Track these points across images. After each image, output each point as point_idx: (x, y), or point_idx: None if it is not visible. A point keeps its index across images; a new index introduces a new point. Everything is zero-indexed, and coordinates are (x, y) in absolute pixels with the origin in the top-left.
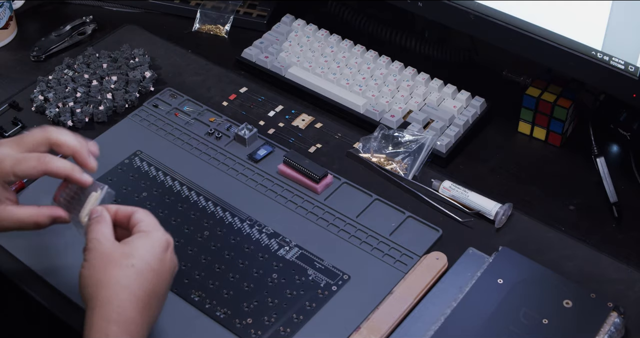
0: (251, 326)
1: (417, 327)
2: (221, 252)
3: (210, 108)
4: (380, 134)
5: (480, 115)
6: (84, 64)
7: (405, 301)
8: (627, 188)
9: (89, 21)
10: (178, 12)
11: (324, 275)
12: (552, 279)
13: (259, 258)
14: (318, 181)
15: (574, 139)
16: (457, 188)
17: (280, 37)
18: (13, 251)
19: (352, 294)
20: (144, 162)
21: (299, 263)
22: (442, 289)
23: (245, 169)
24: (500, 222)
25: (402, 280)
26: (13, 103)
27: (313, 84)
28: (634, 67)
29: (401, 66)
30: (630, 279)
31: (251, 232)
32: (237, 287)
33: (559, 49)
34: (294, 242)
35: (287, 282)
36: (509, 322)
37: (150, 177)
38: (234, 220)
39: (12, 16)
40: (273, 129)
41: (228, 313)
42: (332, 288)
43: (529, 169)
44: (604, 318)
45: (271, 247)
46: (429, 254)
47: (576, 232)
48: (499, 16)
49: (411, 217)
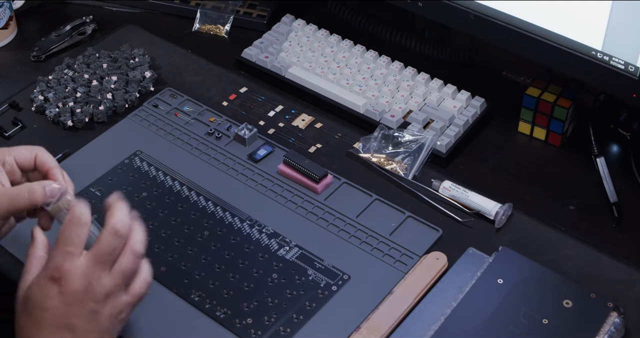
0: (251, 326)
1: (417, 327)
2: (221, 252)
3: (210, 108)
4: (380, 134)
5: (480, 115)
6: (84, 64)
7: (405, 301)
8: (627, 189)
9: (89, 21)
10: (178, 12)
11: (324, 275)
12: (552, 279)
13: (259, 258)
14: (318, 181)
15: (574, 139)
16: (457, 189)
17: (280, 37)
18: (13, 251)
19: (352, 294)
20: (144, 162)
21: (299, 263)
22: (442, 289)
23: (245, 169)
24: (500, 222)
25: (402, 280)
26: (13, 103)
27: (313, 84)
28: (634, 67)
29: (401, 66)
30: (630, 279)
31: (251, 232)
32: (237, 287)
33: (559, 49)
34: (294, 242)
35: (287, 282)
36: (509, 322)
37: (150, 177)
38: (234, 220)
39: (12, 16)
40: (273, 129)
41: (228, 313)
42: (332, 288)
43: (529, 169)
44: (604, 318)
45: (271, 247)
46: (429, 254)
47: (576, 232)
48: (499, 16)
49: (411, 217)
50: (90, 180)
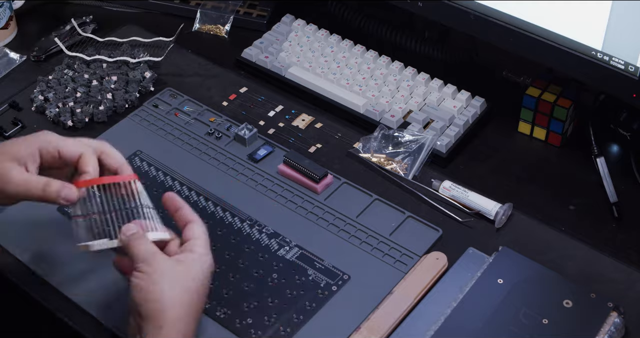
0: (251, 326)
1: (417, 327)
2: (221, 252)
3: (210, 108)
4: (380, 134)
5: (480, 115)
6: (84, 64)
7: (406, 301)
8: (628, 188)
9: (89, 21)
10: (178, 12)
11: (324, 275)
12: (552, 279)
13: (259, 259)
14: (318, 181)
15: (574, 139)
16: (457, 188)
17: (280, 37)
18: (14, 251)
19: (352, 294)
20: (144, 162)
21: (299, 263)
22: (442, 289)
23: (245, 169)
24: (500, 222)
25: (402, 280)
26: (13, 103)
27: (313, 84)
28: (634, 67)
29: (401, 66)
30: (630, 279)
31: (251, 232)
32: (237, 287)
33: (559, 49)
34: (294, 242)
35: (287, 282)
36: (509, 322)
37: (150, 177)
38: (234, 220)
39: (12, 16)
40: (273, 129)
41: (228, 313)
42: (332, 288)
43: (529, 169)
44: (604, 318)
45: (271, 247)
46: (429, 254)
47: (576, 232)
48: (499, 16)
49: (411, 217)
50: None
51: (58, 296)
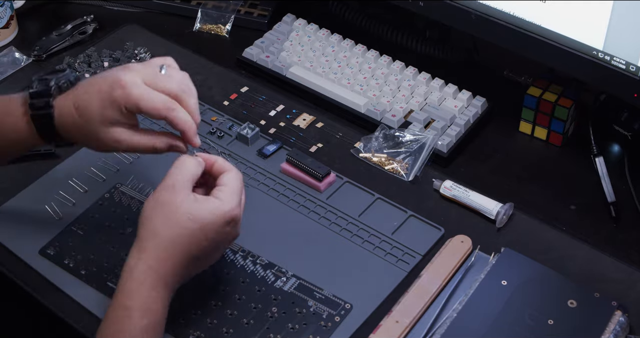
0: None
1: (424, 332)
2: (216, 287)
3: (211, 107)
4: (381, 134)
5: (481, 114)
6: (85, 64)
7: (434, 284)
8: (628, 188)
9: (90, 20)
10: (179, 11)
11: (325, 305)
12: (555, 280)
13: (256, 292)
14: (321, 179)
15: (575, 138)
16: (458, 188)
17: (281, 36)
18: (15, 251)
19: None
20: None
21: (298, 295)
22: (447, 291)
23: (247, 168)
24: (502, 221)
25: (429, 264)
26: None
27: (314, 83)
28: (635, 66)
29: (402, 66)
30: (631, 279)
31: (245, 264)
32: (236, 323)
33: (560, 48)
34: (290, 272)
35: (287, 315)
36: (515, 324)
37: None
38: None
39: (12, 15)
40: (274, 129)
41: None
42: (335, 319)
43: (530, 169)
44: (609, 317)
45: (267, 279)
46: (454, 237)
47: (577, 231)
48: (500, 16)
49: (413, 216)
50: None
51: (59, 296)
